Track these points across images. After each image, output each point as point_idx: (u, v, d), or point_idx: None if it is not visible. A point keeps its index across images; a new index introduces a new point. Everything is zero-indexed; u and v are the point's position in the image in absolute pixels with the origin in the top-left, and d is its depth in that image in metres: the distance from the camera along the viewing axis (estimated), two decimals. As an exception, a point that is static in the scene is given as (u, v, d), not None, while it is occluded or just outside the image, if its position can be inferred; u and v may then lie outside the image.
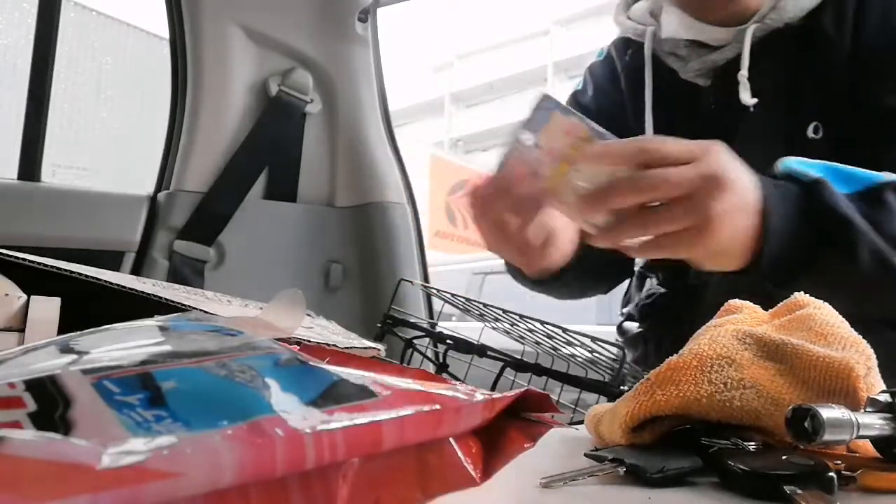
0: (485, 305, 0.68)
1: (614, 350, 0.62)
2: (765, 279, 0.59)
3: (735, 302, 0.52)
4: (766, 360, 0.41)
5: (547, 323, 0.65)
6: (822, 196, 0.59)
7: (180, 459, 0.16)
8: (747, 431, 0.38)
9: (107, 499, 0.14)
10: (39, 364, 0.21)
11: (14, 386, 0.18)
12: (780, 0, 0.78)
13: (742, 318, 0.49)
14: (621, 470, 0.35)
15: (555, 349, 0.70)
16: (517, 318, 0.66)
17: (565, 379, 0.61)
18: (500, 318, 0.70)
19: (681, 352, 0.42)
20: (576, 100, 1.01)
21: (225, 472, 0.17)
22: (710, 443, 0.37)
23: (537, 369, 0.62)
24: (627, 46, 0.94)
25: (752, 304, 0.51)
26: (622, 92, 0.94)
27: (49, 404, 0.18)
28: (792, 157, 0.64)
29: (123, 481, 0.15)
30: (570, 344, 0.67)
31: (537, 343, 0.72)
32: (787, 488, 0.31)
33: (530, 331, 0.69)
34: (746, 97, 0.78)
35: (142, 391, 0.19)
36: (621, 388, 0.58)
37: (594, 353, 0.65)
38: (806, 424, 0.33)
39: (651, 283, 0.95)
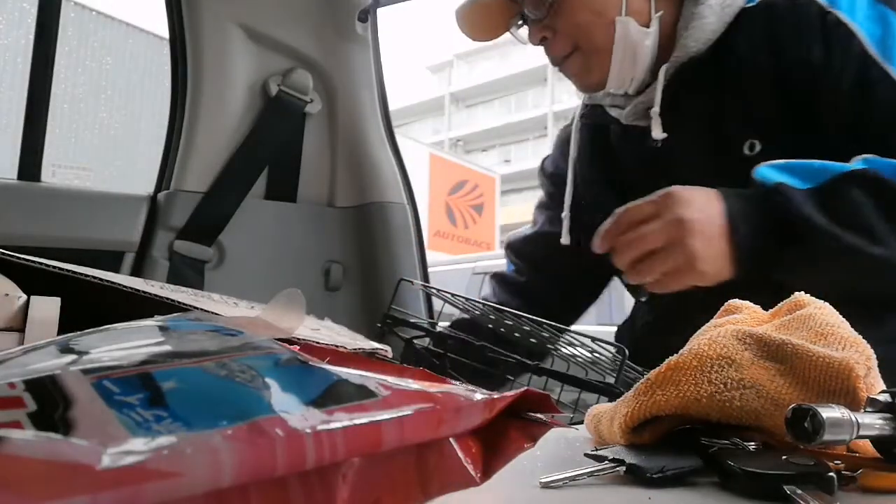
0: (485, 305, 0.68)
1: (614, 350, 0.62)
2: (752, 276, 0.67)
3: (735, 302, 0.52)
4: (767, 360, 0.41)
5: (546, 323, 0.65)
6: (780, 199, 0.67)
7: (180, 459, 0.16)
8: (747, 431, 0.38)
9: (107, 499, 0.14)
10: (39, 364, 0.21)
11: (14, 386, 0.18)
12: (679, 38, 0.84)
13: (742, 318, 0.49)
14: (621, 470, 0.35)
15: (555, 349, 0.70)
16: (516, 317, 0.66)
17: (565, 379, 0.61)
18: (499, 317, 0.70)
19: (681, 352, 0.42)
20: (542, 164, 1.14)
21: (225, 472, 0.17)
22: (710, 443, 0.37)
23: (537, 369, 0.62)
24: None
25: (751, 304, 0.51)
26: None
27: (49, 404, 0.18)
28: (765, 163, 0.71)
29: (123, 481, 0.15)
30: (570, 344, 0.67)
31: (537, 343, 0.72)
32: (787, 488, 0.31)
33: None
34: (657, 132, 0.86)
35: (142, 391, 0.19)
36: (621, 388, 0.58)
37: (594, 354, 0.65)
38: (806, 424, 0.33)
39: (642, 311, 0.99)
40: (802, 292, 0.49)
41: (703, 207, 0.66)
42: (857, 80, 0.73)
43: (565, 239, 0.96)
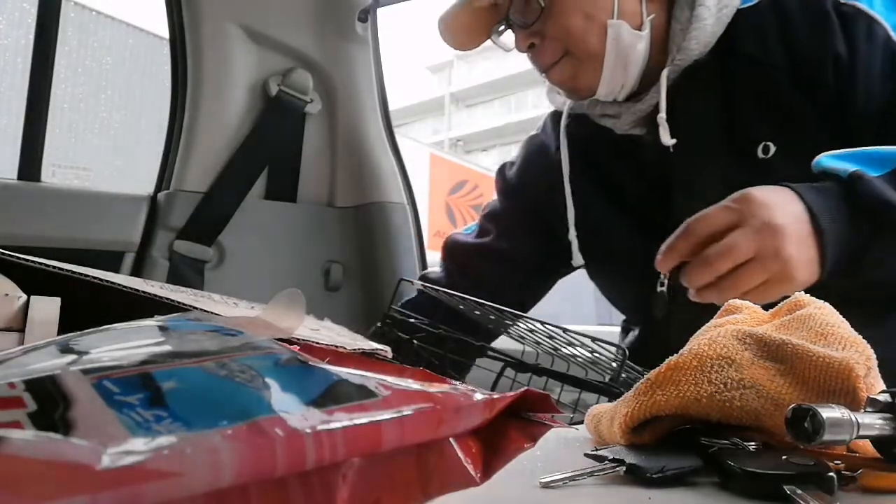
0: (484, 305, 0.68)
1: (614, 350, 0.62)
2: (833, 277, 0.62)
3: (735, 302, 0.52)
4: (767, 360, 0.41)
5: (547, 323, 0.65)
6: (862, 188, 0.62)
7: (180, 459, 0.16)
8: (747, 431, 0.38)
9: (107, 499, 0.14)
10: (39, 364, 0.21)
11: (14, 386, 0.18)
12: (682, 41, 0.81)
13: (742, 318, 0.49)
14: (621, 470, 0.35)
15: (555, 349, 0.70)
16: (517, 318, 0.66)
17: (565, 379, 0.61)
18: (499, 318, 0.70)
19: (681, 352, 0.42)
20: (503, 173, 1.09)
21: (225, 471, 0.17)
22: (710, 443, 0.37)
23: (537, 369, 0.62)
24: (564, 119, 0.98)
25: (752, 304, 0.51)
26: (553, 165, 0.98)
27: (49, 404, 0.17)
28: (824, 154, 0.67)
29: (123, 481, 0.15)
30: (570, 344, 0.67)
31: (537, 343, 0.72)
32: (787, 488, 0.31)
33: (530, 331, 0.69)
34: (666, 138, 0.82)
35: (142, 391, 0.19)
36: (621, 388, 0.58)
37: (594, 354, 0.65)
38: (806, 424, 0.33)
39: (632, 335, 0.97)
40: (803, 293, 0.49)
41: (786, 208, 0.61)
42: (888, 69, 0.72)
43: (577, 260, 0.92)
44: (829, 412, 0.32)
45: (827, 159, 0.66)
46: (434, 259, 1.20)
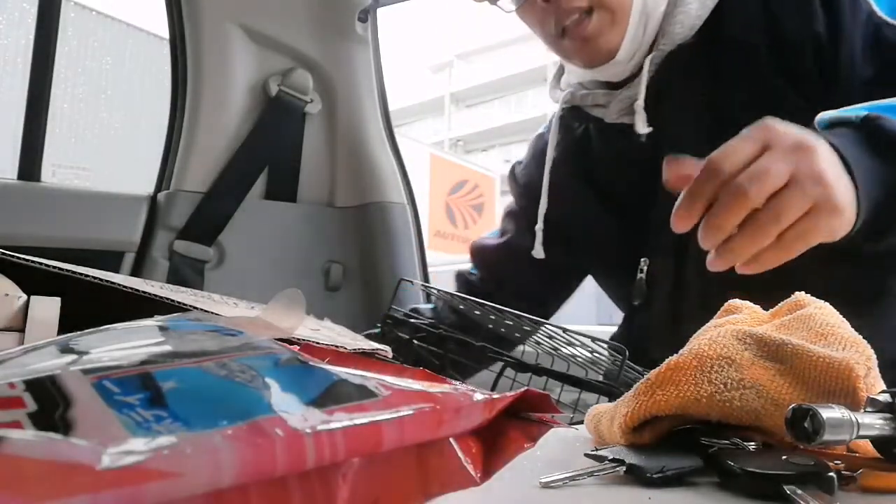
0: (484, 305, 0.68)
1: (614, 350, 0.62)
2: (865, 227, 0.55)
3: (735, 302, 0.52)
4: (767, 360, 0.41)
5: (547, 323, 0.65)
6: (878, 122, 0.56)
7: (180, 459, 0.16)
8: (747, 431, 0.38)
9: (107, 498, 0.14)
10: (39, 364, 0.21)
11: (14, 386, 0.18)
12: (667, 26, 0.79)
13: (742, 318, 0.49)
14: (621, 470, 0.35)
15: (555, 349, 0.70)
16: (516, 317, 0.66)
17: (565, 379, 0.61)
18: (499, 317, 0.70)
19: (681, 352, 0.42)
20: (513, 172, 1.09)
21: (225, 472, 0.17)
22: (710, 443, 0.37)
23: (537, 369, 0.62)
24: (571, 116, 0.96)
25: (751, 304, 0.51)
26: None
27: (49, 404, 0.18)
28: (824, 112, 0.62)
29: (123, 481, 0.15)
30: (570, 344, 0.67)
31: (537, 343, 0.72)
32: (787, 488, 0.31)
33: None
34: (641, 126, 0.79)
35: (142, 391, 0.19)
36: (621, 388, 0.58)
37: (594, 354, 0.65)
38: (806, 424, 0.33)
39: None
40: (802, 292, 0.49)
41: (811, 137, 0.51)
42: (870, 43, 0.71)
43: (538, 252, 0.92)
44: (829, 412, 0.32)
45: (830, 113, 0.60)
46: (434, 259, 1.21)
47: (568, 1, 0.79)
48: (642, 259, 0.84)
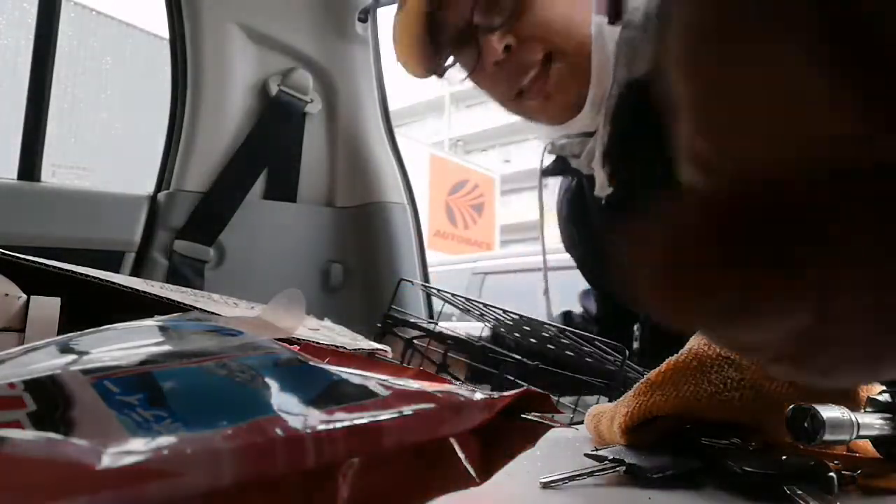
0: (485, 305, 0.68)
1: (614, 350, 0.62)
2: None
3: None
4: (766, 360, 0.41)
5: (546, 323, 0.65)
6: None
7: (180, 459, 0.16)
8: (747, 432, 0.38)
9: (107, 498, 0.14)
10: (40, 364, 0.21)
11: (14, 386, 0.18)
12: (603, 80, 0.71)
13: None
14: (621, 470, 0.35)
15: (558, 349, 0.70)
16: (517, 317, 0.66)
17: (565, 380, 0.61)
18: (500, 318, 0.70)
19: (680, 352, 0.42)
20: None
21: (225, 472, 0.17)
22: (710, 443, 0.37)
23: (537, 369, 0.61)
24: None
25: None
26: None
27: (49, 404, 0.18)
28: None
29: (123, 481, 0.15)
30: (569, 345, 0.67)
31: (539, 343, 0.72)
32: (788, 488, 0.31)
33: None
34: (599, 188, 0.73)
35: (142, 391, 0.19)
36: (621, 388, 0.58)
37: (594, 354, 0.65)
38: (806, 424, 0.33)
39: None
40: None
41: None
42: None
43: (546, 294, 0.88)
44: (829, 412, 0.32)
45: None
46: (434, 259, 1.20)
47: (522, 56, 0.72)
48: (635, 326, 0.81)
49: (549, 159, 0.91)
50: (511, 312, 0.67)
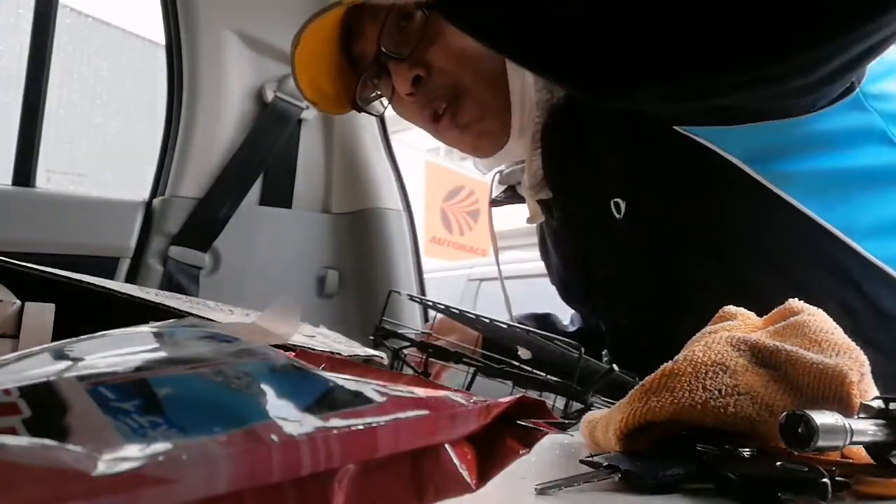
0: (477, 316, 0.68)
1: (570, 347, 0.62)
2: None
3: (730, 308, 0.52)
4: (761, 366, 0.41)
5: (529, 330, 0.65)
6: None
7: (176, 466, 0.16)
8: (742, 438, 0.38)
9: (105, 503, 0.14)
10: (35, 370, 0.21)
11: (9, 392, 0.18)
12: (525, 106, 0.68)
13: (736, 324, 0.49)
14: (616, 476, 0.35)
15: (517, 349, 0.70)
16: (505, 325, 0.66)
17: (530, 382, 0.60)
18: (488, 326, 0.70)
19: (675, 358, 0.42)
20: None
21: (220, 478, 0.17)
22: (705, 449, 0.37)
23: (502, 372, 0.61)
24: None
25: (746, 310, 0.52)
26: None
27: (44, 411, 0.17)
28: None
29: (118, 488, 0.15)
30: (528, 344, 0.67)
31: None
32: (782, 494, 0.31)
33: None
34: (531, 216, 0.73)
35: (137, 398, 0.19)
36: (579, 387, 0.57)
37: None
38: (800, 430, 0.33)
39: None
40: (795, 299, 0.49)
41: None
42: None
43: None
44: (823, 418, 0.33)
45: None
46: (430, 266, 1.20)
47: (427, 92, 0.68)
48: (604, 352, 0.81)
49: (499, 189, 0.90)
50: (499, 321, 0.67)
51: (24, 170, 1.22)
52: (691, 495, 0.34)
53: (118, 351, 0.24)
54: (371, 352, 0.61)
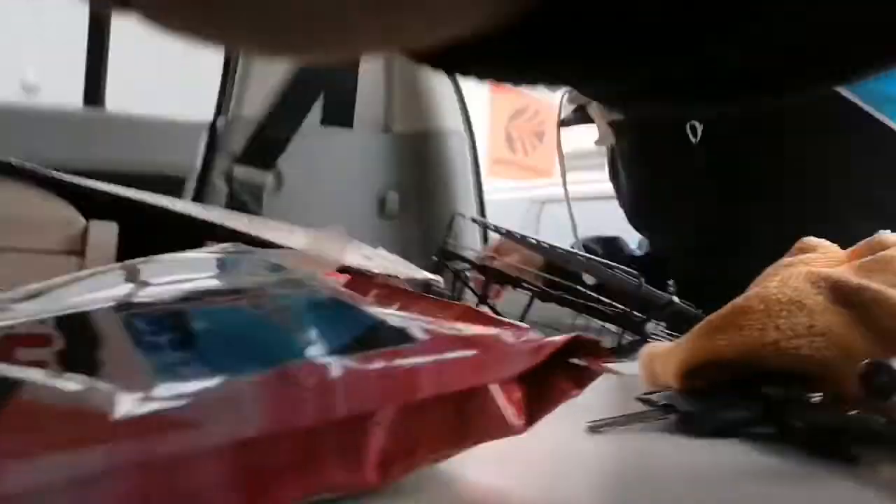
0: (538, 241, 0.66)
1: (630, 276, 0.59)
2: None
3: (810, 240, 0.48)
4: (841, 305, 0.38)
5: (591, 257, 0.63)
6: None
7: (202, 409, 0.15)
8: (813, 382, 0.36)
9: (122, 448, 0.14)
10: (80, 298, 0.21)
11: (45, 323, 0.18)
12: None
13: (816, 257, 0.45)
14: (673, 416, 0.34)
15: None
16: (566, 252, 0.64)
17: (584, 309, 0.58)
18: (548, 251, 0.68)
19: (746, 293, 0.39)
20: None
21: (250, 422, 0.16)
22: (771, 392, 0.35)
23: (560, 300, 0.59)
24: None
25: (828, 242, 0.48)
26: None
27: (77, 344, 0.17)
28: None
29: (139, 431, 0.14)
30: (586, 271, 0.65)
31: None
32: (853, 448, 0.29)
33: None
34: (601, 139, 0.73)
35: (173, 332, 0.19)
36: (641, 315, 0.55)
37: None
38: (882, 379, 0.30)
39: None
40: (887, 231, 0.45)
41: None
42: None
43: None
44: (910, 368, 0.30)
45: None
46: (491, 186, 1.18)
47: None
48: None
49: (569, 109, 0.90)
50: (559, 248, 0.64)
51: (94, 89, 1.24)
52: (751, 441, 0.32)
53: (177, 276, 0.24)
54: (428, 275, 0.61)
